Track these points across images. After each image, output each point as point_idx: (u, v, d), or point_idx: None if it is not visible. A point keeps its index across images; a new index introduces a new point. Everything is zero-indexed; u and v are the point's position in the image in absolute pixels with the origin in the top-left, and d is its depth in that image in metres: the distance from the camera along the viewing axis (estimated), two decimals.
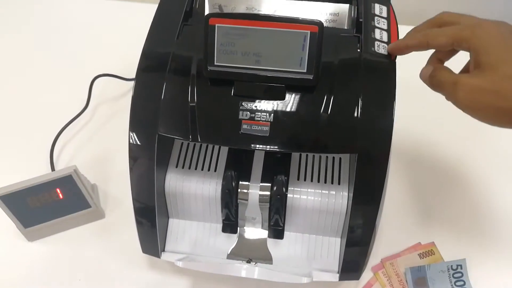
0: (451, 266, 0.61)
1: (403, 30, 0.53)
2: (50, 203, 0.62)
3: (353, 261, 0.55)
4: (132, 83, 0.80)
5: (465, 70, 0.50)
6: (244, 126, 0.49)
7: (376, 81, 0.51)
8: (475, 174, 0.72)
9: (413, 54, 0.50)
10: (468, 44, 0.44)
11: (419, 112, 0.72)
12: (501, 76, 0.42)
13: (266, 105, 0.50)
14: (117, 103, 0.81)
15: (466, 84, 0.44)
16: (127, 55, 0.69)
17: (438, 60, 0.51)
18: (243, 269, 0.54)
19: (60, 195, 0.62)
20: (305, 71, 0.48)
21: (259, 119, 0.49)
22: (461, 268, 0.61)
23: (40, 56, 0.88)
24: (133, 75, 0.54)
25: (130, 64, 0.63)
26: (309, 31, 0.46)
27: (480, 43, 0.43)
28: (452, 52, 0.50)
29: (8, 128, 0.78)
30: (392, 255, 0.64)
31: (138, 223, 0.57)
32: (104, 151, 0.75)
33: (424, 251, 0.63)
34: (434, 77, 0.47)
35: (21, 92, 0.83)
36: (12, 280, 0.63)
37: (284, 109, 0.50)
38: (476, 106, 0.44)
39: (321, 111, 0.49)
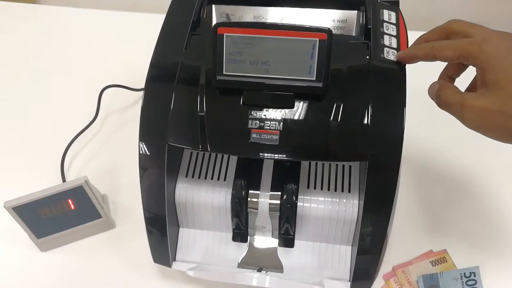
0: (464, 273, 0.61)
1: (413, 36, 0.53)
2: (62, 213, 0.62)
3: (364, 269, 0.55)
4: (141, 93, 0.81)
5: (473, 85, 0.49)
6: (254, 135, 0.49)
7: (386, 88, 0.50)
8: (487, 181, 0.71)
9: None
10: (475, 60, 0.43)
11: (428, 119, 0.71)
12: (508, 96, 0.41)
13: (275, 114, 0.50)
14: (126, 113, 0.81)
15: (473, 106, 0.43)
16: (135, 66, 0.69)
17: (448, 77, 0.51)
18: (254, 278, 0.53)
19: (72, 206, 0.62)
20: (314, 79, 0.48)
21: (268, 127, 0.49)
22: (475, 276, 0.60)
23: (48, 67, 0.89)
24: (141, 85, 0.55)
25: (138, 75, 0.64)
26: (317, 39, 0.46)
27: (486, 60, 0.42)
28: (462, 69, 0.50)
29: (18, 140, 0.79)
30: (404, 263, 0.63)
31: (149, 232, 0.57)
32: (113, 162, 0.75)
33: (436, 258, 0.63)
34: (440, 97, 0.46)
35: (31, 104, 0.83)
36: None
37: (293, 117, 0.50)
38: (485, 127, 0.43)
39: (331, 119, 0.49)
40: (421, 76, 0.55)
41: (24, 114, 0.82)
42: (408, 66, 0.52)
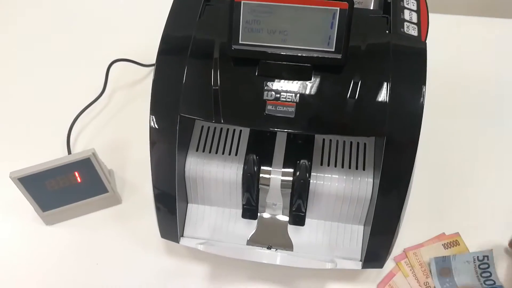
0: (477, 257, 0.60)
1: (433, 19, 0.52)
2: (68, 186, 0.61)
3: (377, 250, 0.54)
4: (150, 69, 0.79)
5: None
6: (269, 107, 0.48)
7: (406, 64, 0.49)
8: (502, 164, 0.70)
9: (442, 36, 0.48)
10: None
11: (445, 99, 0.69)
12: None
13: (291, 86, 0.48)
14: (134, 89, 0.80)
15: None
16: (145, 40, 0.68)
17: None
18: (265, 255, 0.52)
19: (78, 179, 0.61)
20: (333, 50, 0.46)
21: (284, 99, 0.48)
22: (488, 259, 0.59)
23: (57, 40, 0.87)
24: (151, 61, 0.53)
25: (148, 50, 0.62)
26: (338, 8, 0.45)
27: None
28: None
29: (25, 113, 0.77)
30: (416, 245, 0.62)
31: (157, 208, 0.56)
32: (120, 138, 0.74)
33: (448, 241, 0.62)
34: None
35: (39, 77, 0.82)
36: (31, 263, 0.62)
37: (310, 90, 0.48)
38: None
39: (349, 92, 0.48)
40: (442, 53, 0.53)
41: (32, 87, 0.81)
42: (429, 42, 0.50)
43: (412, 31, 0.51)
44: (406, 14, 0.52)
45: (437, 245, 0.62)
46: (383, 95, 0.47)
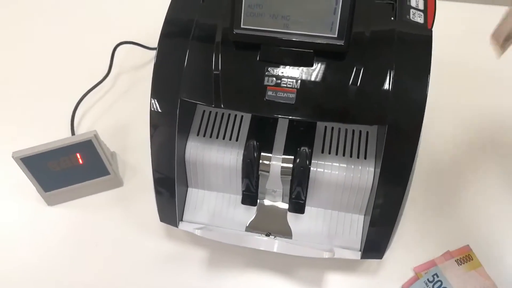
0: (428, 279, 0.58)
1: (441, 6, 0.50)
2: (70, 167, 0.61)
3: (377, 240, 0.53)
4: (155, 52, 0.79)
5: None
6: (269, 93, 0.48)
7: (410, 51, 0.48)
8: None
9: (449, 26, 0.47)
10: None
11: (450, 88, 0.67)
12: None
13: (293, 72, 0.48)
14: (138, 72, 0.79)
15: None
16: (152, 23, 0.67)
17: None
18: (263, 242, 0.52)
19: (80, 160, 0.61)
20: (336, 36, 0.45)
21: (285, 85, 0.47)
22: (438, 276, 0.58)
23: (62, 22, 0.87)
24: (156, 44, 0.53)
25: (154, 33, 0.62)
26: None
27: None
28: None
29: (30, 94, 0.78)
30: (426, 263, 0.59)
31: (157, 191, 0.56)
32: (123, 120, 0.74)
33: (461, 257, 0.59)
34: None
35: (43, 58, 0.82)
36: (32, 242, 0.63)
37: (312, 76, 0.47)
38: None
39: (351, 79, 0.47)
40: (449, 43, 0.52)
41: (36, 68, 0.81)
42: (435, 30, 0.49)
43: (418, 18, 0.50)
44: (413, 1, 0.51)
45: (450, 262, 0.59)
46: (386, 83, 0.47)
